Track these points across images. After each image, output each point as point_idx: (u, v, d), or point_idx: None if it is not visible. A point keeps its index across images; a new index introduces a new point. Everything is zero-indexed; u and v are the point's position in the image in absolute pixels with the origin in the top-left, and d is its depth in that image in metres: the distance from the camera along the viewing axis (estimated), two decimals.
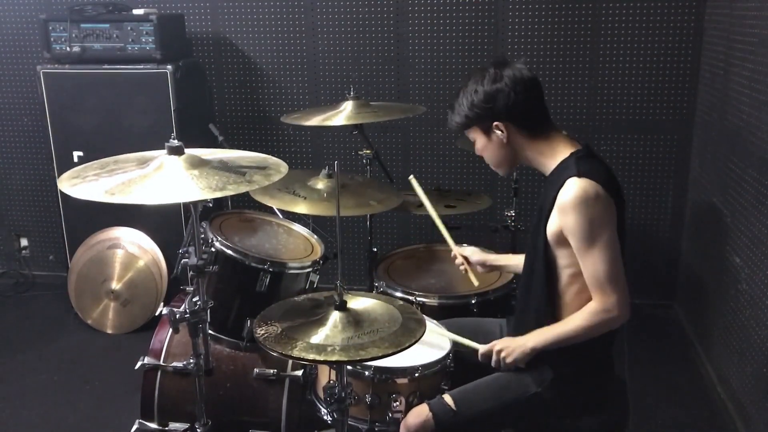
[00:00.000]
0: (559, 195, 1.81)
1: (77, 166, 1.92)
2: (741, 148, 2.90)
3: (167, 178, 1.81)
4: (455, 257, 2.36)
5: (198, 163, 1.88)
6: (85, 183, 1.79)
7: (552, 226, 1.85)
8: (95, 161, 1.97)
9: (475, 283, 2.35)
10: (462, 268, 2.35)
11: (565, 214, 1.80)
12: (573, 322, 1.87)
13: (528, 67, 1.92)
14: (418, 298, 2.46)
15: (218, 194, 1.76)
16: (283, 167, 1.99)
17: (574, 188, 1.78)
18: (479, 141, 1.98)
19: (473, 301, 2.45)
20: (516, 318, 2.08)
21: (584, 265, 1.82)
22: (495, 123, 1.90)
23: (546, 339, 1.89)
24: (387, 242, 3.90)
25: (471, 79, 1.94)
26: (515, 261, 2.26)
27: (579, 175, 1.79)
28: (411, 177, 2.49)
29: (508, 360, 1.92)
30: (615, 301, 1.81)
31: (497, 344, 1.96)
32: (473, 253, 2.34)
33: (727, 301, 3.00)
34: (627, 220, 1.93)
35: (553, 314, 1.91)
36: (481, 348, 2.00)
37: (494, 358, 1.96)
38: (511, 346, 1.93)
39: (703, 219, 3.48)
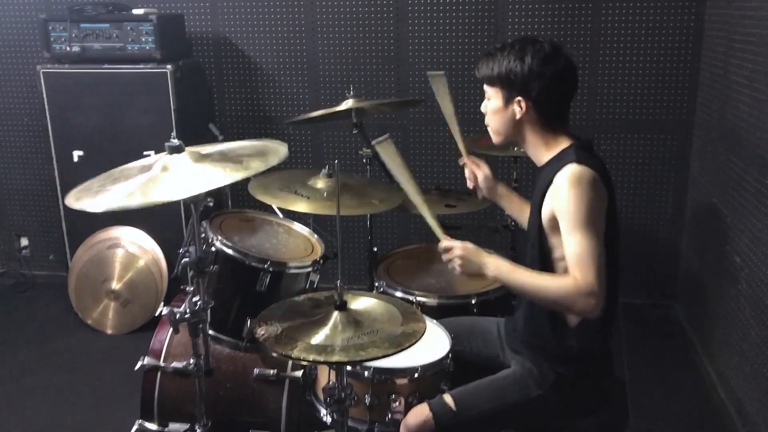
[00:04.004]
0: (556, 177, 1.81)
1: (86, 183, 1.90)
2: (741, 148, 2.90)
3: (178, 174, 1.82)
4: (464, 164, 2.26)
5: (198, 159, 1.89)
6: (101, 194, 1.79)
7: (546, 211, 1.85)
8: (101, 176, 1.95)
9: (479, 197, 2.26)
10: (469, 177, 2.26)
11: (559, 193, 1.79)
12: (547, 281, 1.82)
13: (575, 63, 1.89)
14: (418, 298, 2.46)
15: (222, 182, 1.78)
16: (282, 150, 1.97)
17: (572, 171, 1.79)
18: (494, 102, 1.93)
19: (473, 301, 2.45)
20: (522, 313, 2.07)
21: (569, 243, 1.77)
22: (519, 98, 1.87)
23: (511, 279, 1.87)
24: (387, 242, 3.89)
25: (523, 43, 1.87)
26: (520, 204, 2.20)
27: (578, 162, 1.80)
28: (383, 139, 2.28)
29: (457, 267, 1.91)
30: (594, 286, 1.72)
31: (462, 249, 1.92)
32: (485, 169, 2.23)
33: (727, 301, 2.99)
34: (627, 220, 1.93)
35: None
36: (445, 243, 1.96)
37: (447, 255, 1.94)
38: (472, 260, 1.90)
39: (703, 219, 3.48)
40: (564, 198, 1.78)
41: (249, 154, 1.95)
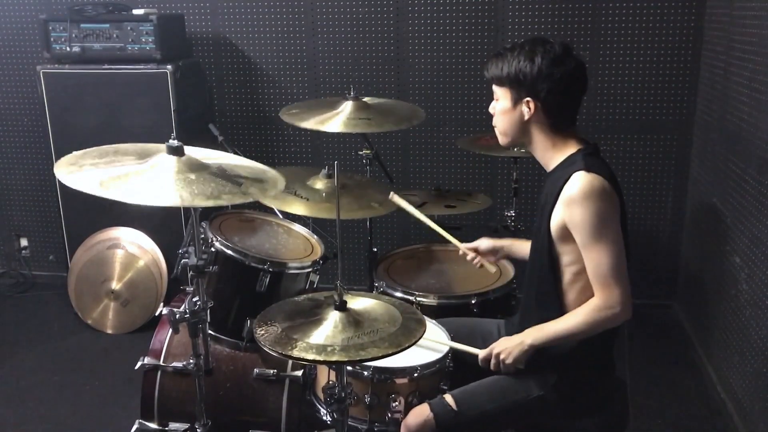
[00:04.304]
0: (565, 188, 1.80)
1: (83, 151, 1.91)
2: (741, 148, 2.90)
3: (161, 179, 1.77)
4: (465, 254, 2.36)
5: (196, 167, 1.84)
6: (81, 172, 1.76)
7: (555, 220, 1.84)
8: (94, 148, 1.95)
9: (492, 270, 2.40)
10: (476, 262, 2.35)
11: (571, 207, 1.79)
12: (573, 318, 1.85)
13: (585, 65, 1.88)
14: (418, 298, 2.46)
15: (210, 203, 1.73)
16: (281, 182, 1.94)
17: (581, 182, 1.78)
18: (503, 103, 1.92)
19: (473, 301, 2.45)
20: (520, 317, 2.07)
21: (588, 259, 1.81)
22: (528, 99, 1.86)
23: (545, 335, 1.88)
24: (387, 242, 3.89)
25: (533, 44, 1.86)
26: (525, 246, 2.21)
27: (587, 170, 1.79)
28: (392, 194, 2.48)
29: (508, 361, 1.92)
30: (618, 297, 1.80)
31: (495, 347, 1.95)
32: (482, 242, 2.33)
33: (727, 301, 2.99)
34: (627, 220, 1.92)
35: (558, 312, 1.90)
36: (481, 353, 1.99)
37: (493, 361, 1.95)
38: (509, 347, 1.92)
39: (703, 219, 3.48)
40: (577, 212, 1.78)
41: (247, 177, 1.89)
